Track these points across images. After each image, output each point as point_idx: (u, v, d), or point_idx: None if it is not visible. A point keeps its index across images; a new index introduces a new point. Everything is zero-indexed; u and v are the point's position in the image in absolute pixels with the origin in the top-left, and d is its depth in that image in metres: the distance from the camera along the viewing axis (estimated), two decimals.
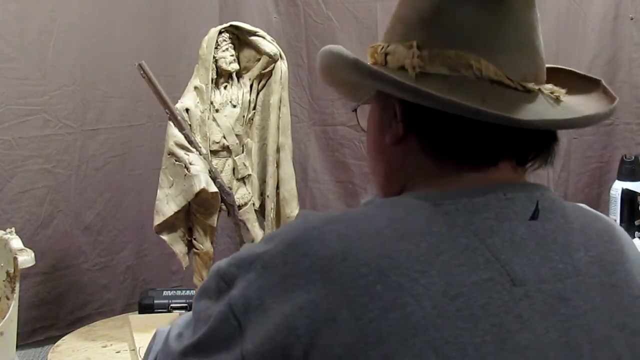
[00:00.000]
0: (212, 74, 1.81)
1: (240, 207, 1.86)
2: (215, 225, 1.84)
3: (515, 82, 0.80)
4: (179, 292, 2.04)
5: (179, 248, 1.84)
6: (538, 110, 0.80)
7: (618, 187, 1.99)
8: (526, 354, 0.71)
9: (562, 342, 0.73)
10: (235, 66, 1.85)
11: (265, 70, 1.88)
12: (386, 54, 0.85)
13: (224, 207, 1.83)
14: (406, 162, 0.84)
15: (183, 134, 1.77)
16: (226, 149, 1.85)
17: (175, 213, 1.78)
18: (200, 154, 1.78)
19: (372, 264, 0.70)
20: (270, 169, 1.89)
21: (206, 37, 1.83)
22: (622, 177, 2.00)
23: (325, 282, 0.70)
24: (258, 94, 1.90)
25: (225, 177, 1.84)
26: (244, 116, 1.88)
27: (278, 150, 1.89)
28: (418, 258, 0.71)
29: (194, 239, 1.85)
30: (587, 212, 0.86)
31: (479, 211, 0.76)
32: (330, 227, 0.74)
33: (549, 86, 0.83)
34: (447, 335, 0.68)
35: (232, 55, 1.84)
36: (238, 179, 1.88)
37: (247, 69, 1.89)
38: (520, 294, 0.73)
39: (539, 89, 0.82)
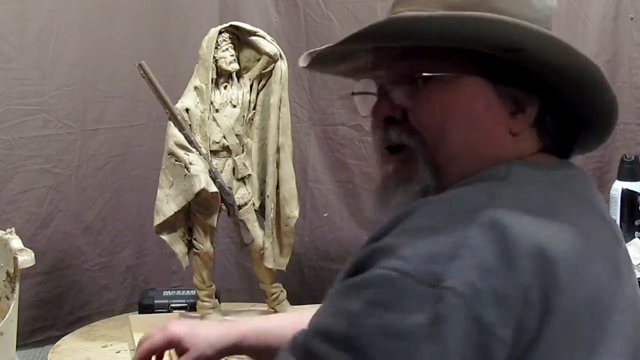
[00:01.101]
0: (212, 74, 1.81)
1: (240, 207, 1.86)
2: (215, 225, 1.84)
3: None
4: (179, 292, 2.05)
5: (179, 248, 1.84)
6: None
7: (618, 187, 1.98)
8: (628, 314, 0.79)
9: (633, 296, 0.82)
10: (235, 66, 1.85)
11: (265, 70, 1.88)
12: None
13: (224, 207, 1.83)
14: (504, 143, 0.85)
15: (183, 134, 1.77)
16: (226, 149, 1.85)
17: (175, 213, 1.78)
18: (200, 154, 1.78)
19: (568, 247, 0.74)
20: (270, 169, 1.89)
21: (206, 37, 1.83)
22: (622, 177, 2.00)
23: (532, 258, 0.71)
24: (258, 94, 1.90)
25: (225, 177, 1.84)
26: (244, 116, 1.88)
27: (278, 150, 1.89)
28: (578, 233, 0.77)
29: (194, 239, 1.84)
30: None
31: (575, 180, 0.84)
32: (510, 214, 0.73)
33: None
34: (613, 300, 0.77)
35: (232, 55, 1.84)
36: (238, 179, 1.88)
37: (247, 69, 1.89)
38: (622, 253, 0.84)
39: None
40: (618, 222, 1.94)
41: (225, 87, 1.85)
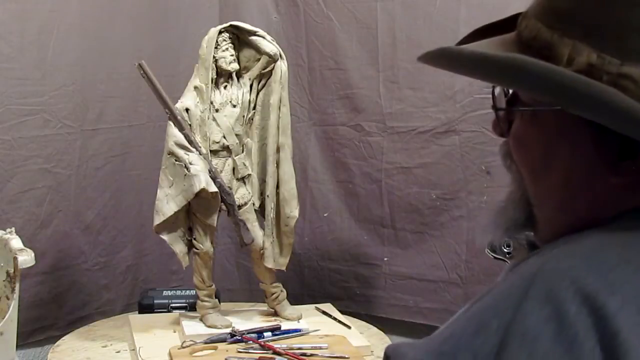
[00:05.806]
0: (212, 74, 1.81)
1: (240, 207, 1.86)
2: (215, 225, 1.84)
3: None
4: (179, 292, 2.05)
5: (179, 248, 1.84)
6: None
7: None
8: None
9: None
10: (235, 66, 1.85)
11: (265, 70, 1.88)
12: (621, 76, 0.62)
13: (224, 207, 1.83)
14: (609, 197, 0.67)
15: (183, 133, 1.77)
16: (226, 148, 1.86)
17: (175, 213, 1.79)
18: (200, 154, 1.78)
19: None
20: (270, 168, 1.89)
21: (206, 37, 1.83)
22: None
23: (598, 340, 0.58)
24: (258, 93, 1.90)
25: (225, 177, 1.84)
26: (243, 116, 1.88)
27: (278, 150, 1.89)
28: None
29: (194, 239, 1.85)
30: None
31: None
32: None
33: None
34: None
35: (232, 55, 1.84)
36: (238, 179, 1.88)
37: (247, 69, 1.89)
38: None
39: None
40: None
41: (225, 87, 1.85)
